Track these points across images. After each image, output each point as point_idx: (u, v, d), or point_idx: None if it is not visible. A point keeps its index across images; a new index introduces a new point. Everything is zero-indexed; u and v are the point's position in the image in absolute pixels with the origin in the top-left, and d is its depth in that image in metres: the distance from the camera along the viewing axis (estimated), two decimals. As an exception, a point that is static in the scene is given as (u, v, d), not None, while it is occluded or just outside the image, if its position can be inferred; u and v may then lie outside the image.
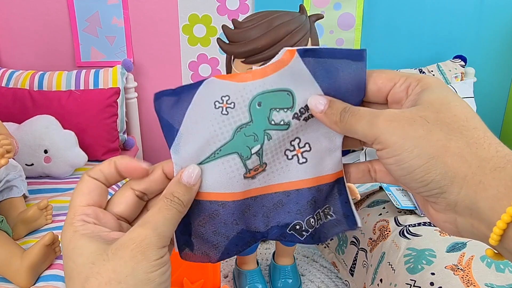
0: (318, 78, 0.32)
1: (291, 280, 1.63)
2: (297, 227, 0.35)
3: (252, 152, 0.33)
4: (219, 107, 0.32)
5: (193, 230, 0.35)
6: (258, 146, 0.33)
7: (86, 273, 0.29)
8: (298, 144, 0.34)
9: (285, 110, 0.32)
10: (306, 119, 0.33)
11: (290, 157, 0.34)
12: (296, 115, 0.32)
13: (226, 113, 0.32)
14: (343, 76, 0.32)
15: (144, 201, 0.36)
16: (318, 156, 0.34)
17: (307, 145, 0.34)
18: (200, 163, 0.33)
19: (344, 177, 0.35)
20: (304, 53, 0.32)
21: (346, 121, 0.31)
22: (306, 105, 0.32)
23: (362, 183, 0.35)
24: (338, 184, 0.35)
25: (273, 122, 0.33)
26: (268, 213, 0.35)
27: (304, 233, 0.35)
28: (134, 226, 0.31)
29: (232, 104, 0.32)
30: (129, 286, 0.28)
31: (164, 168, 0.34)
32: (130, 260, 0.28)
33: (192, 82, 0.33)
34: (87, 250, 0.29)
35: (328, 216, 0.35)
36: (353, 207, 0.35)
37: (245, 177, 0.33)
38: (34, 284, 1.10)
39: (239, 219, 0.34)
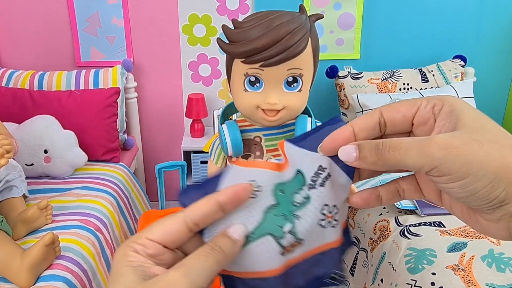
0: (313, 149, 0.34)
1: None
2: (333, 275, 0.37)
3: (285, 231, 0.34)
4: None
5: None
6: (290, 225, 0.34)
7: None
8: (329, 211, 0.35)
9: (302, 188, 0.34)
10: (322, 184, 0.34)
11: (324, 225, 0.35)
12: (310, 186, 0.34)
13: (254, 196, 0.33)
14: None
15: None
16: (343, 210, 0.36)
17: (335, 208, 0.35)
18: None
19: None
20: (292, 141, 0.35)
21: (388, 157, 0.31)
22: (316, 172, 0.34)
23: (393, 203, 0.36)
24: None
25: (296, 204, 0.34)
26: (307, 270, 0.36)
27: (340, 278, 0.38)
28: (173, 267, 0.31)
29: (260, 187, 0.34)
30: None
31: (218, 198, 0.33)
32: None
33: (192, 82, 0.34)
34: (126, 279, 0.30)
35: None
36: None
37: (282, 254, 0.35)
38: (34, 284, 1.10)
39: (280, 285, 0.35)
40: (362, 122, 0.34)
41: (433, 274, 1.16)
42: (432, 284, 1.14)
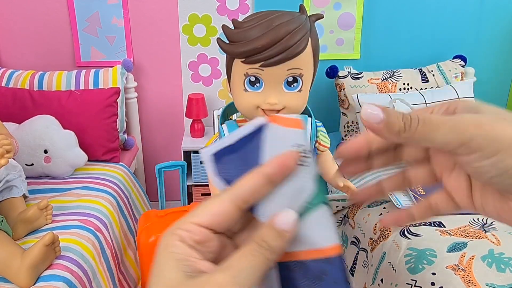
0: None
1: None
2: None
3: (328, 204, 0.32)
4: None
5: None
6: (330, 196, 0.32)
7: None
8: None
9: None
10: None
11: None
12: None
13: (302, 163, 0.30)
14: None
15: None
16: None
17: None
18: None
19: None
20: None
21: (416, 130, 0.29)
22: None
23: (427, 219, 0.35)
24: None
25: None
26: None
27: None
28: (218, 267, 0.29)
29: (307, 153, 0.30)
30: None
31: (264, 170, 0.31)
32: None
33: (192, 82, 0.32)
34: (169, 276, 0.28)
35: None
36: None
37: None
38: (34, 284, 1.10)
39: (346, 275, 0.31)
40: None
41: (433, 274, 1.16)
42: (432, 284, 1.14)
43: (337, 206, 1.73)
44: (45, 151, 1.58)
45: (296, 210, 0.30)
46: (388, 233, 1.41)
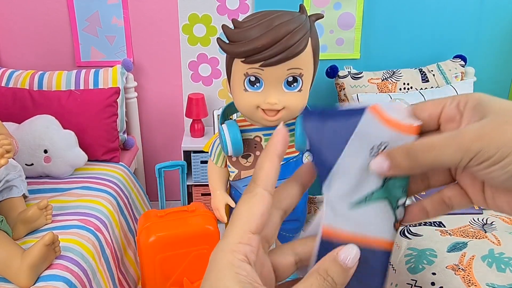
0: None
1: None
2: None
3: (399, 204, 0.32)
4: (374, 154, 0.31)
5: None
6: (405, 199, 0.32)
7: None
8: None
9: None
10: None
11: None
12: None
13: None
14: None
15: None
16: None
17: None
18: (353, 204, 0.31)
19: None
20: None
21: (423, 159, 0.30)
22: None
23: (441, 215, 0.35)
24: None
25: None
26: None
27: None
28: None
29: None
30: None
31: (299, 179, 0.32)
32: None
33: (192, 82, 0.32)
34: None
35: None
36: None
37: (394, 227, 0.32)
38: (34, 284, 1.10)
39: (386, 271, 0.32)
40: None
41: (433, 274, 1.16)
42: (432, 284, 1.14)
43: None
44: (45, 151, 1.58)
45: (359, 196, 0.31)
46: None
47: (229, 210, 1.24)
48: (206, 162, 1.92)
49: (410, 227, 1.36)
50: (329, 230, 0.31)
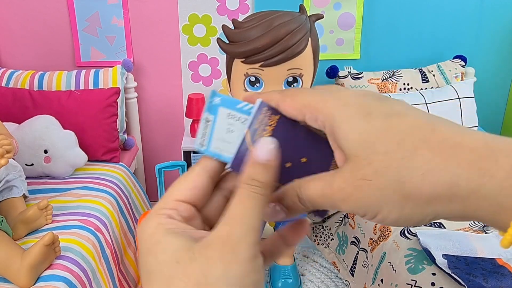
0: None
1: (291, 280, 1.62)
2: None
3: None
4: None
5: None
6: None
7: (170, 273, 0.26)
8: None
9: None
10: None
11: None
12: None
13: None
14: None
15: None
16: None
17: None
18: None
19: None
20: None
21: (313, 204, 0.29)
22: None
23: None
24: None
25: None
26: None
27: None
28: (218, 224, 0.27)
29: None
30: None
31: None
32: (220, 260, 0.25)
33: (192, 82, 0.33)
34: (172, 247, 0.26)
35: None
36: None
37: None
38: (34, 284, 1.10)
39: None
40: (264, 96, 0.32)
41: (433, 274, 1.16)
42: (432, 284, 1.14)
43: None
44: (45, 151, 1.58)
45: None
46: (388, 233, 1.41)
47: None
48: (206, 162, 1.92)
49: (410, 228, 1.36)
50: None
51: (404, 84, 1.93)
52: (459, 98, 1.83)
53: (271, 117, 0.31)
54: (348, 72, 1.95)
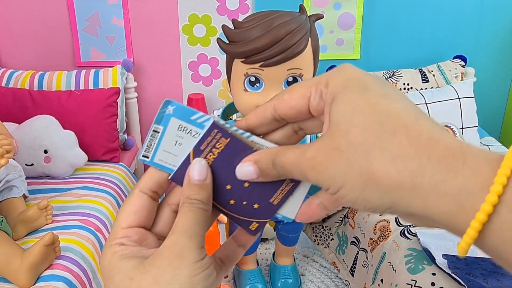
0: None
1: (291, 280, 1.63)
2: None
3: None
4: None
5: None
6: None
7: None
8: None
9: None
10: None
11: None
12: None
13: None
14: None
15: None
16: None
17: None
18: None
19: None
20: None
21: (287, 171, 0.30)
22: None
23: (336, 208, 0.35)
24: None
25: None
26: None
27: None
28: (166, 237, 0.30)
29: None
30: None
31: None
32: (169, 266, 0.28)
33: (192, 82, 0.34)
34: (125, 268, 0.29)
35: None
36: None
37: None
38: (34, 284, 1.10)
39: None
40: (255, 120, 0.33)
41: (433, 274, 1.16)
42: (432, 284, 1.14)
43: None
44: (45, 151, 1.58)
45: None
46: (388, 233, 1.41)
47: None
48: (206, 162, 1.92)
49: (410, 228, 1.36)
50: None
51: (404, 84, 1.93)
52: (459, 98, 1.83)
53: (220, 140, 0.32)
54: (348, 72, 1.95)
